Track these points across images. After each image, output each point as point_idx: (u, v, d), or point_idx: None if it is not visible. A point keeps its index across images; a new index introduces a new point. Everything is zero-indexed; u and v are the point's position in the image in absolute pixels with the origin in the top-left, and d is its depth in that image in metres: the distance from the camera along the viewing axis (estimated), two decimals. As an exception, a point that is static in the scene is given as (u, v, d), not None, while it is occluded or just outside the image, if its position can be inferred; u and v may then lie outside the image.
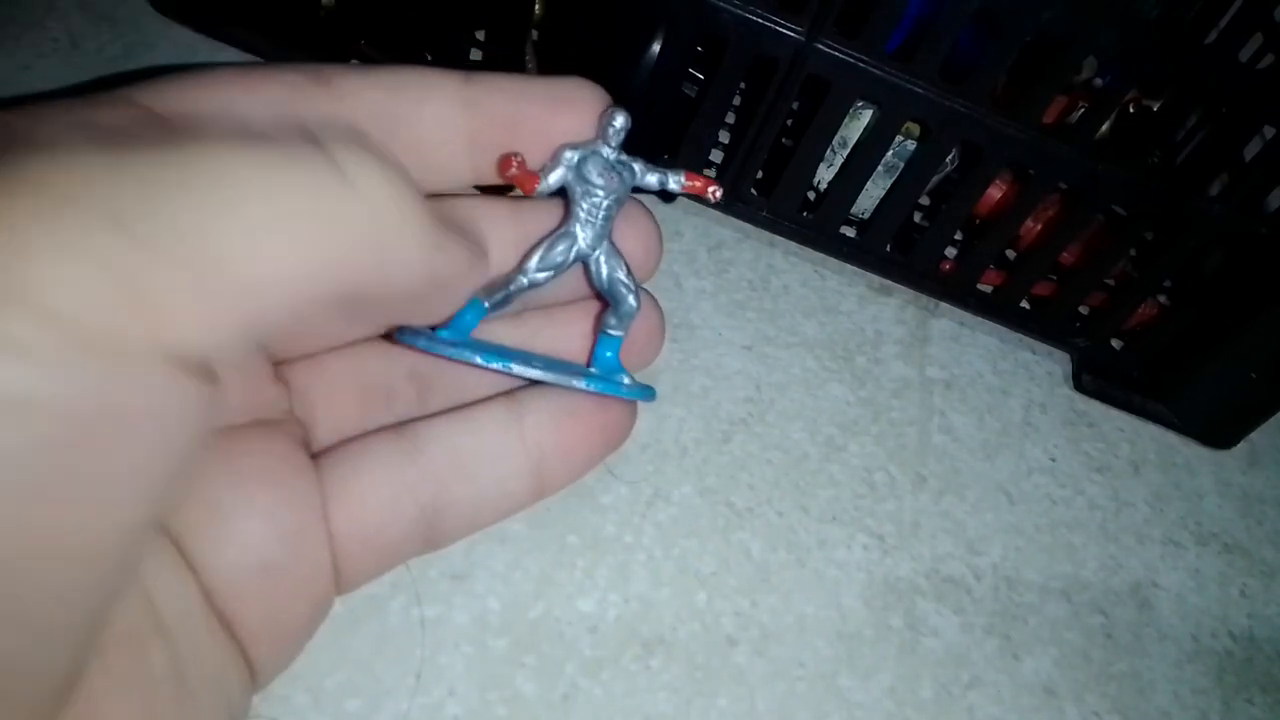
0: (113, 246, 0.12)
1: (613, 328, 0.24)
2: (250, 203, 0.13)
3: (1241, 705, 0.38)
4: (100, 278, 0.12)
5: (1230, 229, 0.42)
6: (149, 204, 0.12)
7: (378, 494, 0.21)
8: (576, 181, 0.23)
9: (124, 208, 0.12)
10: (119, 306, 0.12)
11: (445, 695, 0.29)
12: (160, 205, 0.12)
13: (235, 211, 0.13)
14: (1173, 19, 0.38)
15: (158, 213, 0.12)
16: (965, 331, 0.47)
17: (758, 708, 0.31)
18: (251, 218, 0.13)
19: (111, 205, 0.12)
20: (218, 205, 0.13)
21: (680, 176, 0.25)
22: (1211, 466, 0.46)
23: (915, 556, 0.37)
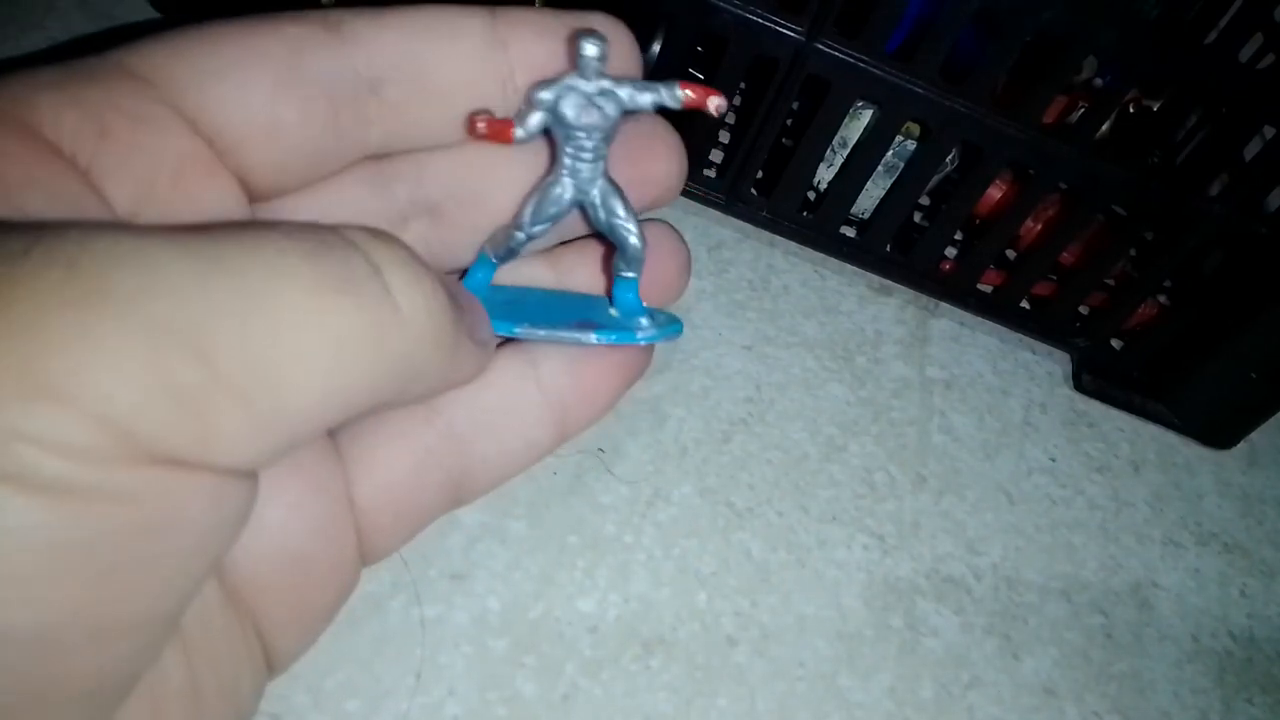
0: (179, 367, 0.12)
1: (624, 271, 0.23)
2: (304, 328, 0.13)
3: (1241, 705, 0.38)
4: (162, 395, 0.12)
5: (1230, 229, 0.42)
6: (219, 327, 0.13)
7: (401, 463, 0.21)
8: (556, 124, 0.21)
9: (196, 327, 0.12)
10: (175, 424, 0.12)
11: (445, 695, 0.29)
12: (217, 324, 0.13)
13: (288, 336, 0.13)
14: (1173, 19, 0.38)
15: (215, 332, 0.12)
16: (965, 331, 0.47)
17: (758, 708, 0.31)
18: (305, 343, 0.13)
19: (184, 323, 0.12)
20: (273, 329, 0.13)
21: (675, 89, 0.22)
22: (1211, 466, 0.46)
23: (915, 556, 0.37)
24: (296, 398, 0.14)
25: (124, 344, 0.12)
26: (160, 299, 0.12)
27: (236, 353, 0.13)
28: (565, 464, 0.35)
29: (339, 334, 0.14)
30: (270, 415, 0.13)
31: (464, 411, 0.21)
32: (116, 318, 0.12)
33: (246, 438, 0.13)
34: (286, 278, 0.13)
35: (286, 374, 0.13)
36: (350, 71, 0.18)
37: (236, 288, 0.13)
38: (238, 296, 0.13)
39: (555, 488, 0.34)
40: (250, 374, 0.13)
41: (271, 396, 0.13)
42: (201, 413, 0.12)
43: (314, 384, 0.14)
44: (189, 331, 0.12)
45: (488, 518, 0.33)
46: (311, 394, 0.14)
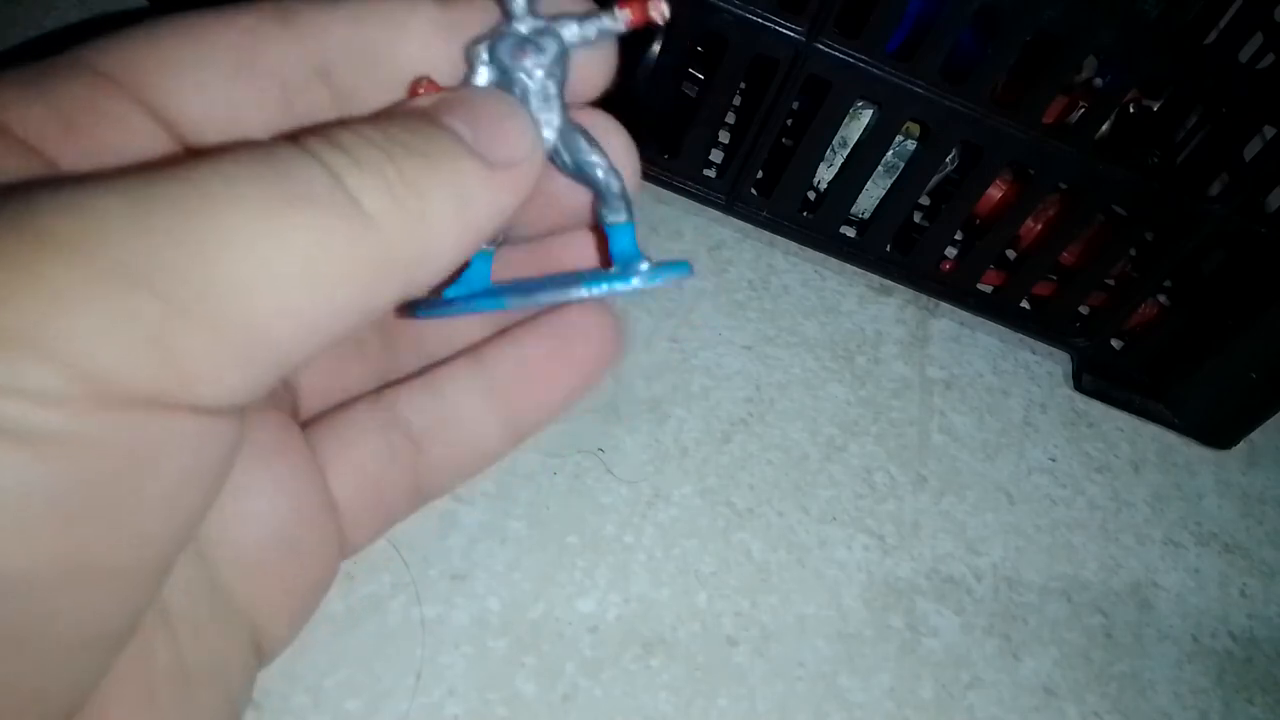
0: (138, 305, 0.12)
1: (609, 217, 0.21)
2: (270, 254, 0.13)
3: (1241, 705, 0.38)
4: (128, 336, 0.12)
5: (1230, 229, 0.42)
6: (170, 260, 0.12)
7: (371, 462, 0.21)
8: (498, 76, 0.19)
9: (146, 264, 0.12)
10: (146, 364, 0.12)
11: (445, 695, 0.29)
12: (180, 261, 0.12)
13: (255, 264, 0.13)
14: (1173, 19, 0.38)
15: (178, 269, 0.12)
16: (965, 331, 0.47)
17: (758, 708, 0.31)
18: (272, 269, 0.13)
19: (134, 262, 0.12)
20: (237, 259, 0.13)
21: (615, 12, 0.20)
22: (1212, 466, 0.46)
23: (915, 556, 0.37)
24: (268, 323, 0.13)
25: (82, 289, 0.12)
26: (109, 241, 0.12)
27: (195, 285, 0.12)
28: (565, 464, 0.35)
29: (301, 251, 0.13)
30: (243, 344, 0.13)
31: (418, 418, 0.21)
32: (70, 265, 0.12)
33: (222, 371, 0.13)
34: (235, 201, 0.13)
35: (252, 300, 0.13)
36: (301, 59, 0.18)
37: (184, 219, 0.13)
38: (187, 228, 0.13)
39: (555, 488, 0.34)
40: (214, 305, 0.12)
41: (241, 325, 0.13)
42: (170, 350, 0.12)
43: (284, 306, 0.13)
44: (144, 269, 0.12)
45: (488, 518, 0.33)
46: (284, 317, 0.13)
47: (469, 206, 0.16)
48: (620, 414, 0.37)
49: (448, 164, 0.16)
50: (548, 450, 0.35)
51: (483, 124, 0.17)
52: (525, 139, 0.17)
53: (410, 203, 0.15)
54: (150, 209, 0.13)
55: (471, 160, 0.16)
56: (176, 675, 0.17)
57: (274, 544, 0.19)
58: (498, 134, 0.17)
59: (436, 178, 0.15)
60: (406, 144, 0.15)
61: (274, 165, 0.14)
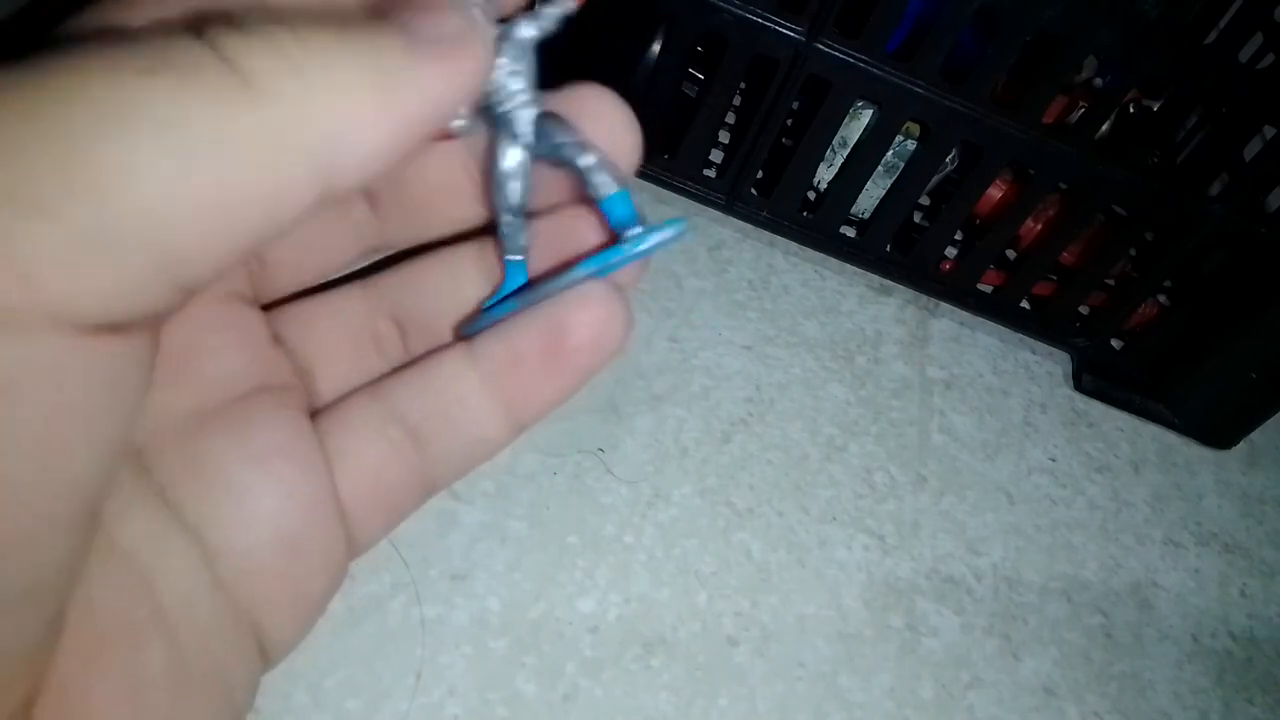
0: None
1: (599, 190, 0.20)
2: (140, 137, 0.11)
3: (1241, 705, 0.38)
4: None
5: (1230, 229, 0.42)
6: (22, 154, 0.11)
7: (374, 458, 0.20)
8: None
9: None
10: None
11: (445, 695, 0.29)
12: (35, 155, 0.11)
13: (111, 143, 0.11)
14: (1173, 19, 0.38)
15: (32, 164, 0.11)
16: (965, 331, 0.47)
17: (758, 708, 0.31)
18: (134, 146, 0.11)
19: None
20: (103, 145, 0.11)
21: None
22: (1212, 466, 0.46)
23: (915, 556, 0.37)
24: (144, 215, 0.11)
25: None
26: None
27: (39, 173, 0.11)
28: (565, 464, 0.35)
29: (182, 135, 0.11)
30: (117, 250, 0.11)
31: (415, 409, 0.21)
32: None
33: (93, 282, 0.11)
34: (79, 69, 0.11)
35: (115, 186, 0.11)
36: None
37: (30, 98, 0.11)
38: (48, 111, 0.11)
39: (555, 488, 0.34)
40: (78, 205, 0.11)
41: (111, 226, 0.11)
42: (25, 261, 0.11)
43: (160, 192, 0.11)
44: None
45: (488, 518, 0.33)
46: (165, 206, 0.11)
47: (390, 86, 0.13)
48: (620, 414, 0.37)
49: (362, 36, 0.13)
50: (548, 450, 0.35)
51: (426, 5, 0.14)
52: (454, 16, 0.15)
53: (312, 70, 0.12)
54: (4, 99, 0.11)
55: (390, 34, 0.14)
56: (173, 676, 0.16)
57: (279, 546, 0.18)
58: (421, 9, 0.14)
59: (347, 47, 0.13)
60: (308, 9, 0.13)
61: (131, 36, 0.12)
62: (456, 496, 0.33)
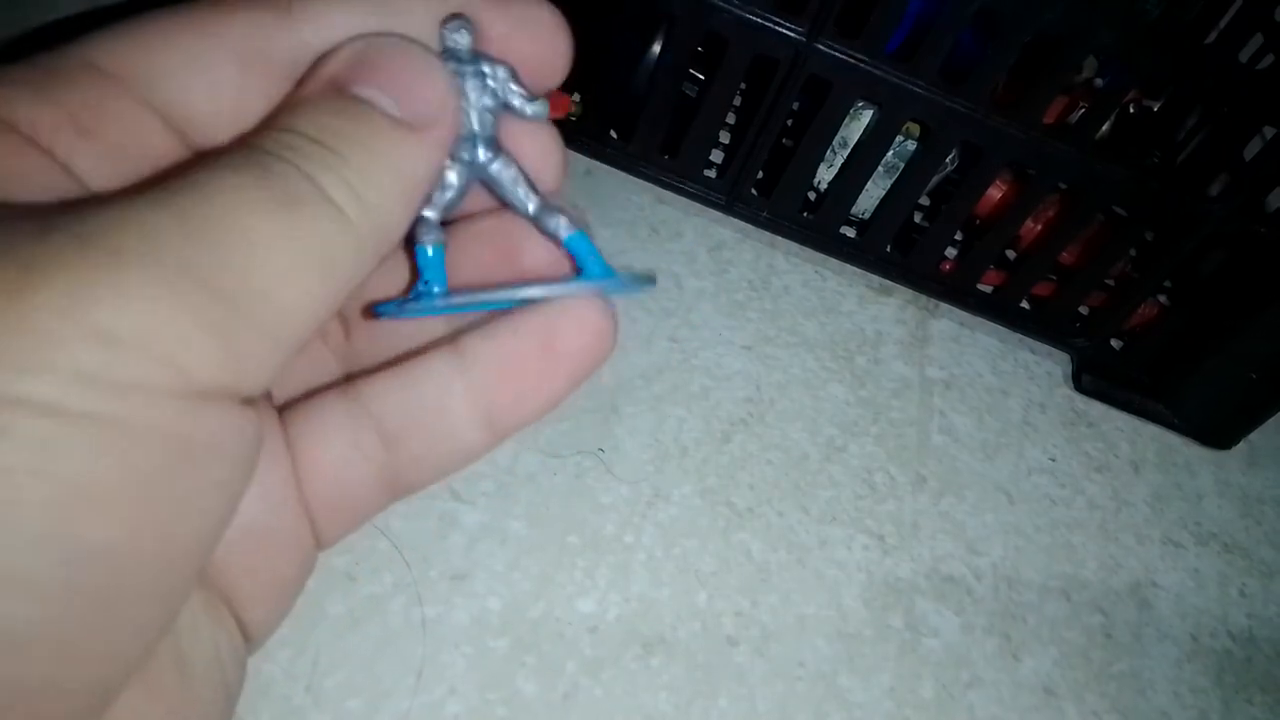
0: (199, 301, 0.14)
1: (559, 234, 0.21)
2: (284, 248, 0.15)
3: (1241, 705, 0.38)
4: (195, 329, 0.14)
5: (1230, 229, 0.42)
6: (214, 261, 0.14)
7: (338, 457, 0.21)
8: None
9: (198, 266, 0.14)
10: (210, 354, 0.14)
11: (446, 695, 0.29)
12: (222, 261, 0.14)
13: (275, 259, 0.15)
14: (1173, 19, 0.38)
15: (225, 268, 0.14)
16: (965, 332, 0.47)
17: (758, 707, 0.31)
18: (288, 261, 0.15)
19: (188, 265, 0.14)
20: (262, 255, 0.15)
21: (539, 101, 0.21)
22: (1211, 466, 0.46)
23: (915, 556, 0.37)
24: (291, 310, 0.15)
25: (149, 290, 0.13)
26: (165, 249, 0.14)
27: (236, 281, 0.14)
28: (565, 464, 0.35)
29: (305, 244, 0.15)
30: (275, 331, 0.15)
31: (391, 411, 0.21)
32: (132, 268, 0.13)
33: (261, 358, 0.15)
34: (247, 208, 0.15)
35: (277, 292, 0.15)
36: (305, 51, 0.18)
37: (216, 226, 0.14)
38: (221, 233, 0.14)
39: (555, 488, 0.34)
40: (252, 298, 0.14)
41: (273, 315, 0.15)
42: (227, 340, 0.14)
43: (298, 295, 0.15)
44: (197, 271, 0.14)
45: (488, 518, 0.33)
46: (299, 305, 0.15)
47: (407, 175, 0.18)
48: (620, 414, 0.37)
49: (383, 143, 0.17)
50: (548, 450, 0.35)
51: (398, 86, 0.18)
52: (439, 92, 0.18)
53: (365, 191, 0.17)
54: (187, 221, 0.14)
55: (398, 130, 0.18)
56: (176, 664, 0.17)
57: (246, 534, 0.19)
58: (415, 94, 0.18)
59: (378, 161, 0.17)
60: (345, 134, 0.17)
61: (265, 174, 0.16)
62: (457, 497, 0.33)
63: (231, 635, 0.19)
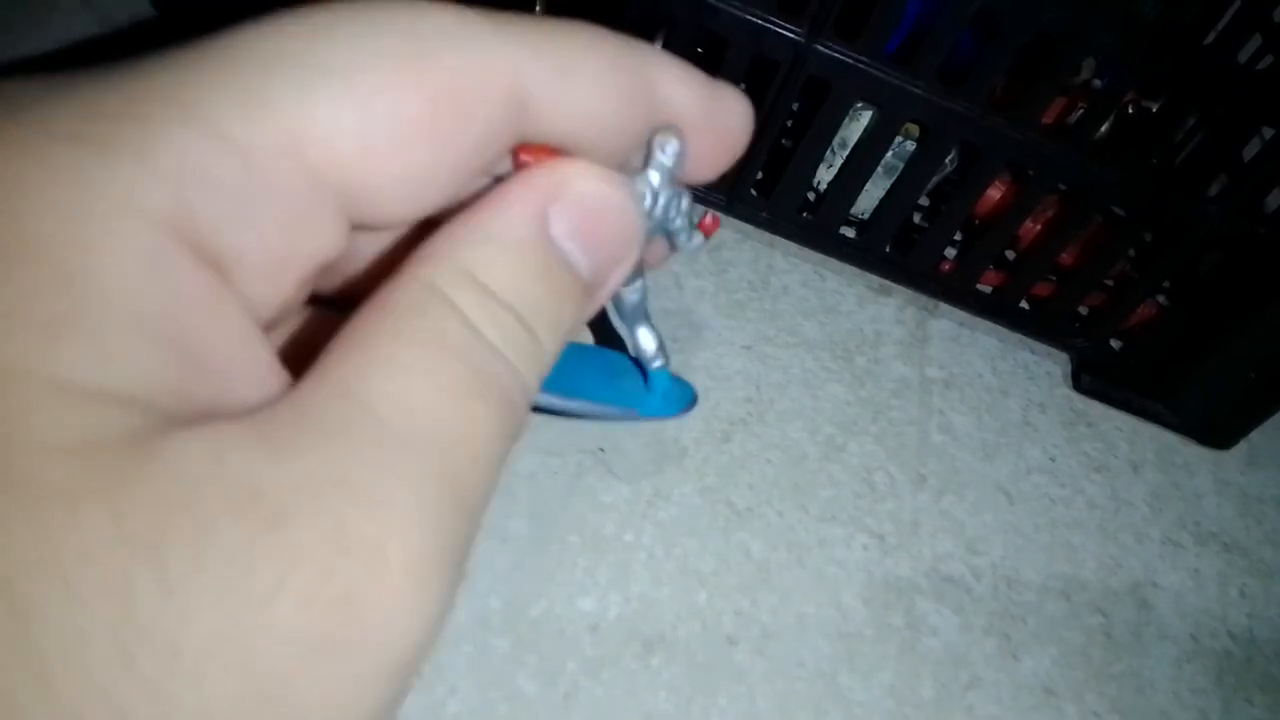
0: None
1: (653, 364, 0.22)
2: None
3: (1241, 705, 0.38)
4: None
5: (1229, 230, 0.42)
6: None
7: None
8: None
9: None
10: None
11: (447, 694, 0.29)
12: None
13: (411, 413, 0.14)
14: (1172, 20, 0.38)
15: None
16: (965, 332, 0.47)
17: (758, 706, 0.31)
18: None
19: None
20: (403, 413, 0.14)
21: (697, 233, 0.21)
22: (1210, 466, 0.46)
23: (915, 556, 0.37)
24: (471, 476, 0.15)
25: None
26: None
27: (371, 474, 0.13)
28: (566, 464, 0.35)
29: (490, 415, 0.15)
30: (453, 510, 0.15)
31: None
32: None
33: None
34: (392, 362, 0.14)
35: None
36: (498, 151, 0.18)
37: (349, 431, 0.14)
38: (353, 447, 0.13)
39: (556, 487, 0.34)
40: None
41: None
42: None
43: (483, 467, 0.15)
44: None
45: (488, 517, 0.33)
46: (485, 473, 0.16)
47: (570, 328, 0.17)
48: (620, 414, 0.37)
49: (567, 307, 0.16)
50: (548, 450, 0.35)
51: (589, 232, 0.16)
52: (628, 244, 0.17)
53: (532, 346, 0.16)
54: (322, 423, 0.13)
55: (584, 293, 0.17)
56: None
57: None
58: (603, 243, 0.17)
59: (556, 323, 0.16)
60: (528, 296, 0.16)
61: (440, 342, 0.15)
62: (457, 496, 0.33)
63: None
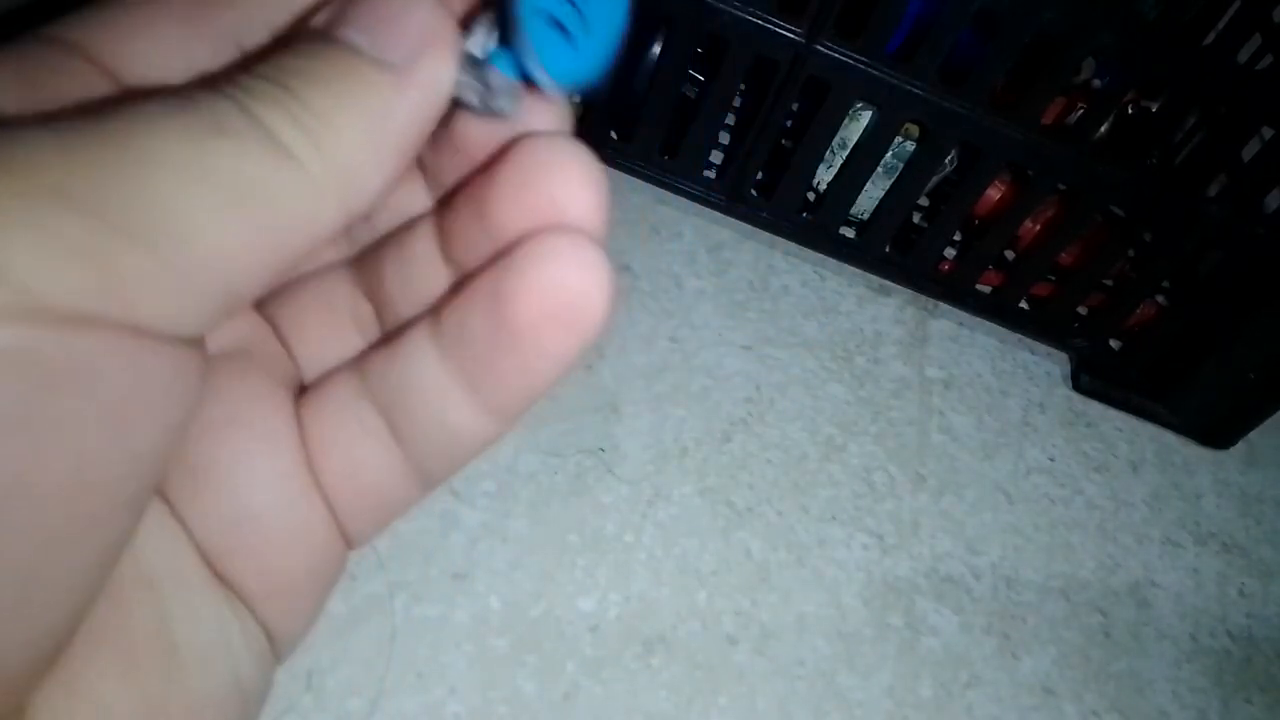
0: (71, 223, 0.12)
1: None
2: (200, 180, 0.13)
3: (1240, 704, 0.38)
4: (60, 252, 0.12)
5: (1229, 230, 0.42)
6: (102, 184, 0.13)
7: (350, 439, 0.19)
8: None
9: (78, 186, 0.13)
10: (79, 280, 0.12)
11: (447, 694, 0.29)
12: (113, 185, 0.13)
13: (187, 190, 0.13)
14: (1172, 20, 0.38)
15: (112, 192, 0.13)
16: (964, 332, 0.47)
17: (758, 706, 0.31)
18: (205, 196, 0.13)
19: (66, 184, 0.12)
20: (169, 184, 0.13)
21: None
22: (1210, 466, 0.46)
23: (914, 556, 0.38)
24: (210, 249, 0.14)
25: (12, 205, 0.12)
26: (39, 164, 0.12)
27: (129, 206, 0.13)
28: (566, 464, 0.35)
29: (229, 178, 0.14)
30: (186, 269, 0.13)
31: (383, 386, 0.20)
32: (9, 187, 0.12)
33: (165, 294, 0.13)
34: (159, 131, 0.13)
35: (189, 224, 0.13)
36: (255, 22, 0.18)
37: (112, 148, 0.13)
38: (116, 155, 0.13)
39: (556, 487, 0.34)
40: (150, 226, 0.13)
41: (180, 248, 0.13)
42: (107, 268, 0.13)
43: (214, 231, 0.14)
44: (76, 191, 0.13)
45: (488, 517, 0.33)
46: (215, 242, 0.14)
47: (382, 122, 0.15)
48: (620, 414, 0.37)
49: (349, 82, 0.15)
50: (548, 450, 0.35)
51: (377, 23, 0.16)
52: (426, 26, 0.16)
53: (321, 131, 0.15)
54: (79, 140, 0.13)
55: (373, 69, 0.15)
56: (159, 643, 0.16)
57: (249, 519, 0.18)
58: (395, 29, 0.16)
59: (344, 103, 0.15)
60: (304, 71, 0.15)
61: (188, 102, 0.14)
62: (457, 496, 0.33)
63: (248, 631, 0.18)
